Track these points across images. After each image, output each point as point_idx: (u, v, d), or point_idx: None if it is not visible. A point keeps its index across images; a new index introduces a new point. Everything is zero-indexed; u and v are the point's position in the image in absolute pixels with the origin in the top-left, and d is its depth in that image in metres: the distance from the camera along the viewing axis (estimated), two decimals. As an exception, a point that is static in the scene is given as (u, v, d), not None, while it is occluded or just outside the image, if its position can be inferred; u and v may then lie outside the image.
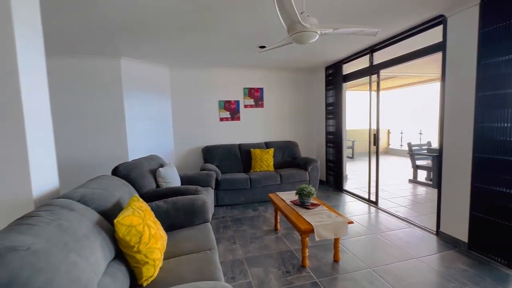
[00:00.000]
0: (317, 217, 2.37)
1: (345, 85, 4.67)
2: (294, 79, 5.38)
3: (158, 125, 4.50)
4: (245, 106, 5.08)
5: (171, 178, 3.01)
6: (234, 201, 4.15)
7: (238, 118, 5.06)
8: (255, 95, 5.11)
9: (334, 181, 5.01)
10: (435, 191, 4.75)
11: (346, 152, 5.01)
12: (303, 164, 4.56)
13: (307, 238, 2.32)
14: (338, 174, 4.85)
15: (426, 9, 2.58)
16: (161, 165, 3.24)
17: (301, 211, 2.53)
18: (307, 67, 5.09)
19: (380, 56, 3.75)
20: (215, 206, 4.03)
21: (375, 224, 3.27)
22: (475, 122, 2.41)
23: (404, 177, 5.84)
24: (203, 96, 4.88)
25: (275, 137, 5.32)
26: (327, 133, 5.14)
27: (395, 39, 3.33)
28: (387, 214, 3.61)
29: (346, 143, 5.01)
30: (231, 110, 5.00)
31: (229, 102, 4.98)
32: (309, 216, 2.41)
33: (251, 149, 4.71)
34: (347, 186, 5.12)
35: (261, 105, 5.17)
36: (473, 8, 2.36)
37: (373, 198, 4.05)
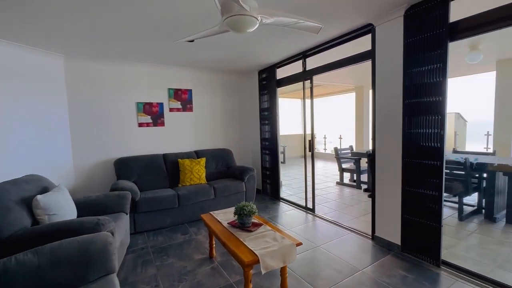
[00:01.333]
0: (261, 242, 1.98)
1: (279, 90, 4.55)
2: (227, 82, 4.98)
3: (48, 133, 3.34)
4: (171, 110, 4.37)
5: (59, 207, 2.11)
6: (158, 225, 3.40)
7: (162, 124, 4.30)
8: (183, 98, 4.46)
9: (270, 189, 4.81)
10: (360, 191, 5.16)
11: (280, 158, 4.90)
12: (239, 174, 4.17)
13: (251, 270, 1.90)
14: (275, 182, 4.67)
15: (357, 16, 2.59)
16: (44, 190, 2.28)
17: (242, 235, 2.11)
18: (240, 69, 4.78)
19: (312, 62, 3.73)
20: (132, 234, 3.19)
21: (316, 235, 3.13)
22: (403, 128, 2.50)
23: (331, 180, 6.18)
24: (116, 97, 3.94)
25: (207, 145, 4.77)
26: (263, 139, 4.93)
27: (327, 45, 3.33)
28: (324, 221, 3.55)
29: (280, 149, 4.91)
30: (153, 114, 4.21)
31: (150, 104, 4.18)
32: (251, 241, 2.00)
33: (179, 160, 4.04)
34: (283, 193, 5.01)
35: (190, 109, 4.56)
36: (399, 19, 2.45)
37: (310, 205, 3.98)
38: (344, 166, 5.79)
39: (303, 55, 3.78)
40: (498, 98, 4.98)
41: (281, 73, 4.40)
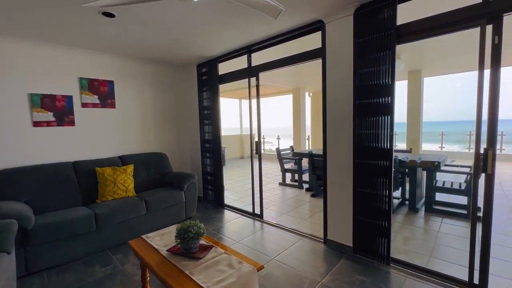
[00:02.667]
0: (215, 273, 1.57)
1: (221, 87, 4.15)
2: (161, 75, 4.28)
3: None
4: (84, 105, 3.43)
5: None
6: (65, 258, 2.54)
7: (72, 123, 3.33)
8: (101, 90, 3.58)
9: (213, 196, 4.36)
10: (302, 191, 5.23)
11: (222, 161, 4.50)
12: (177, 182, 3.58)
13: (202, 312, 1.46)
14: (218, 187, 4.25)
15: (309, 10, 2.44)
16: None
17: (188, 266, 1.64)
18: (177, 61, 4.16)
19: (258, 59, 3.48)
20: (22, 277, 2.28)
21: (268, 245, 2.87)
22: (354, 129, 2.47)
23: (273, 180, 6.13)
24: (-6, 84, 2.82)
25: (136, 149, 3.98)
26: (204, 141, 4.43)
27: (275, 40, 3.13)
28: (274, 227, 3.35)
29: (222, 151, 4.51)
30: (58, 110, 3.21)
31: (52, 97, 3.17)
32: (201, 273, 1.57)
33: (97, 169, 3.19)
34: (226, 198, 4.63)
35: (112, 105, 3.69)
36: (349, 17, 2.41)
37: (257, 210, 3.73)
38: (286, 166, 5.80)
39: (249, 50, 3.49)
40: (409, 102, 5.82)
41: (224, 68, 4.01)
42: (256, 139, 3.65)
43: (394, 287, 2.08)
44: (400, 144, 9.46)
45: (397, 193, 4.26)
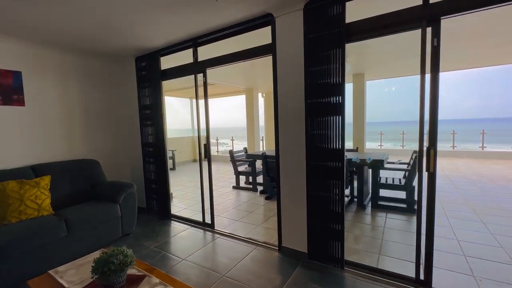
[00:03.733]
0: (143, 315, 1.23)
1: (165, 83, 3.70)
2: (90, 68, 3.62)
3: None
4: (-24, 102, 2.65)
5: None
6: None
7: (-44, 125, 2.53)
8: (4, 84, 2.82)
9: (158, 206, 3.87)
10: (257, 194, 5.07)
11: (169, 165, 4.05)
12: (110, 193, 3.04)
13: None
14: (163, 196, 3.78)
15: (256, 1, 2.24)
16: None
17: (108, 310, 1.26)
18: (109, 52, 3.57)
19: (207, 53, 3.17)
20: None
21: (219, 260, 2.59)
22: (306, 129, 2.36)
23: (226, 184, 5.85)
24: None
25: (57, 156, 3.28)
26: (145, 144, 3.91)
27: (223, 33, 2.87)
28: (226, 238, 3.07)
29: (168, 155, 4.07)
30: None
31: None
32: (125, 317, 1.21)
33: (-5, 184, 2.47)
34: (174, 208, 4.19)
35: (20, 102, 2.95)
36: (299, 12, 2.28)
37: (208, 219, 3.40)
38: (239, 169, 5.58)
39: (194, 43, 3.16)
40: (354, 104, 6.17)
41: (167, 63, 3.58)
42: (205, 142, 3.32)
43: (349, 293, 2.01)
44: (347, 143, 10.13)
45: (346, 191, 4.40)
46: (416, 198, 4.00)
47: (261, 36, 2.65)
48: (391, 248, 2.70)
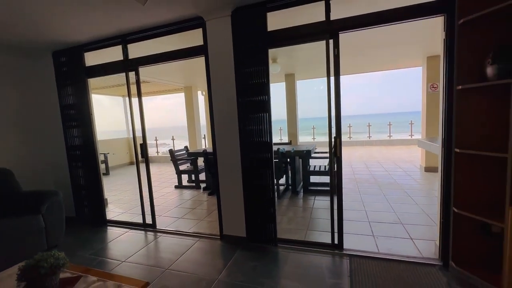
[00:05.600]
0: (82, 310, 1.26)
1: (92, 81, 3.45)
2: (-11, 62, 3.11)
3: None
4: None
5: None
6: None
7: None
8: None
9: (91, 213, 3.60)
10: (200, 191, 5.14)
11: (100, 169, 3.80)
12: (29, 203, 2.72)
13: None
14: (96, 201, 3.54)
15: (185, 4, 2.35)
16: None
17: (40, 313, 1.25)
18: (19, 44, 3.13)
19: (139, 51, 3.10)
20: None
21: (161, 256, 2.63)
22: (239, 126, 2.60)
23: (168, 184, 5.74)
24: None
25: (-52, 167, 2.73)
26: (70, 147, 3.57)
27: (155, 32, 2.87)
28: (169, 235, 3.11)
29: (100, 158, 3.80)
30: None
31: None
32: (61, 316, 1.23)
33: None
34: (110, 213, 3.96)
35: None
36: (227, 18, 2.48)
37: (149, 220, 3.36)
38: (181, 168, 5.54)
39: (124, 40, 3.05)
40: (287, 102, 6.76)
41: (95, 59, 3.34)
42: (141, 142, 3.26)
43: (280, 264, 2.34)
44: (284, 137, 10.89)
45: (283, 180, 4.87)
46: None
47: (192, 36, 2.76)
48: (317, 224, 3.19)
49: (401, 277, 2.02)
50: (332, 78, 2.34)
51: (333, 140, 2.39)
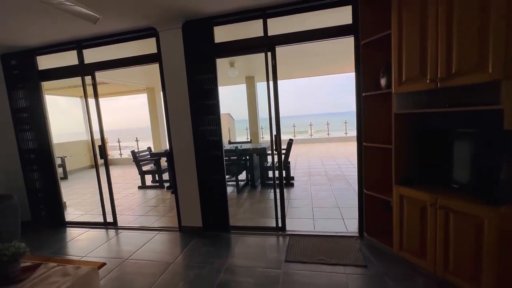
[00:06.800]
0: (44, 287, 1.48)
1: (46, 84, 3.48)
2: None
3: None
4: None
5: None
6: None
7: None
8: None
9: (49, 216, 3.61)
10: (164, 190, 5.30)
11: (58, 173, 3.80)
12: (-19, 208, 2.73)
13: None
14: (55, 204, 3.57)
15: (138, 17, 2.58)
16: None
17: (4, 293, 1.44)
18: (-40, 47, 3.06)
19: (95, 56, 3.22)
20: None
21: (121, 249, 2.83)
22: (193, 126, 2.89)
23: (132, 186, 5.78)
24: None
25: None
26: (24, 151, 3.55)
27: (110, 39, 3.03)
28: (130, 231, 3.29)
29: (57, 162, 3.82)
30: None
31: None
32: (24, 293, 1.43)
33: None
34: (70, 216, 3.99)
35: None
36: (178, 30, 2.75)
37: (110, 219, 3.49)
38: (144, 168, 5.62)
39: (79, 45, 3.16)
40: (248, 102, 7.15)
41: (48, 62, 3.37)
42: (100, 143, 3.38)
43: (231, 247, 2.69)
44: (244, 137, 11.30)
45: (242, 176, 5.24)
46: (291, 174, 5.22)
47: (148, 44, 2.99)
48: (268, 212, 3.60)
49: (326, 247, 2.49)
50: (271, 83, 2.74)
51: (274, 137, 2.80)
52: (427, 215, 1.88)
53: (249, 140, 6.29)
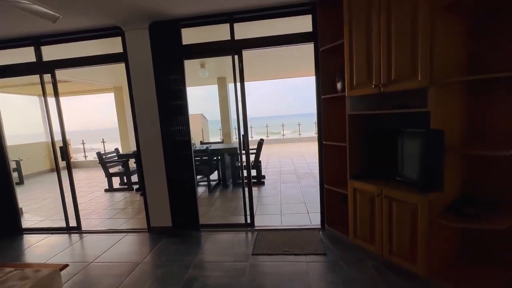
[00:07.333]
0: (0, 291, 1.44)
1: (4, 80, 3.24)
2: None
3: None
4: None
5: None
6: None
7: None
8: None
9: (2, 223, 3.36)
10: (133, 192, 5.15)
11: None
12: None
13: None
14: (9, 211, 3.34)
15: (101, 15, 2.55)
16: None
17: (-46, 301, 1.38)
18: None
19: (55, 53, 3.08)
20: None
21: (86, 253, 2.75)
22: (161, 127, 2.90)
23: (98, 189, 5.55)
24: None
25: None
26: (-27, 154, 3.27)
27: (72, 36, 2.93)
28: (95, 234, 3.20)
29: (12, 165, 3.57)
30: None
31: None
32: (-22, 299, 1.39)
33: None
34: (27, 222, 3.75)
35: None
36: (145, 30, 2.75)
37: (73, 223, 3.35)
38: (112, 171, 5.42)
39: (36, 41, 3.00)
40: (220, 103, 7.20)
41: (2, 59, 3.15)
42: (62, 145, 3.23)
43: (200, 244, 2.75)
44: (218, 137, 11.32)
45: (214, 176, 5.28)
46: (263, 173, 5.38)
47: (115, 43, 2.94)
48: (239, 210, 3.70)
49: (291, 239, 2.66)
50: (238, 85, 2.85)
51: (241, 138, 2.92)
52: (375, 205, 2.11)
53: (221, 140, 6.34)
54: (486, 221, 1.65)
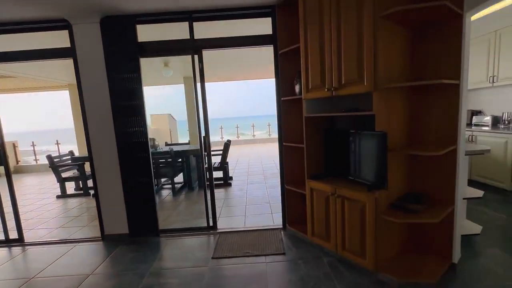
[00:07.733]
0: None
1: None
2: None
3: None
4: None
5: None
6: None
7: None
8: None
9: None
10: (89, 198, 4.79)
11: None
12: None
13: None
14: None
15: (46, 6, 2.32)
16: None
17: None
18: None
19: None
20: None
21: (28, 267, 2.48)
22: (115, 128, 2.73)
23: (49, 195, 5.07)
24: None
25: None
26: None
27: (17, 27, 2.64)
28: (40, 246, 2.91)
29: None
30: None
31: None
32: None
33: None
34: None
35: None
36: (96, 24, 2.57)
37: (14, 235, 3.01)
38: (65, 175, 4.99)
39: (-35, 31, 2.65)
40: (187, 103, 7.01)
41: None
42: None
43: (159, 251, 2.64)
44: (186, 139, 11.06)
45: (179, 178, 5.12)
46: (231, 175, 5.34)
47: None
48: (203, 212, 3.59)
49: (252, 240, 2.66)
50: (199, 85, 2.79)
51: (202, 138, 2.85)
52: (329, 203, 2.20)
53: (187, 142, 6.17)
54: (423, 215, 1.80)
